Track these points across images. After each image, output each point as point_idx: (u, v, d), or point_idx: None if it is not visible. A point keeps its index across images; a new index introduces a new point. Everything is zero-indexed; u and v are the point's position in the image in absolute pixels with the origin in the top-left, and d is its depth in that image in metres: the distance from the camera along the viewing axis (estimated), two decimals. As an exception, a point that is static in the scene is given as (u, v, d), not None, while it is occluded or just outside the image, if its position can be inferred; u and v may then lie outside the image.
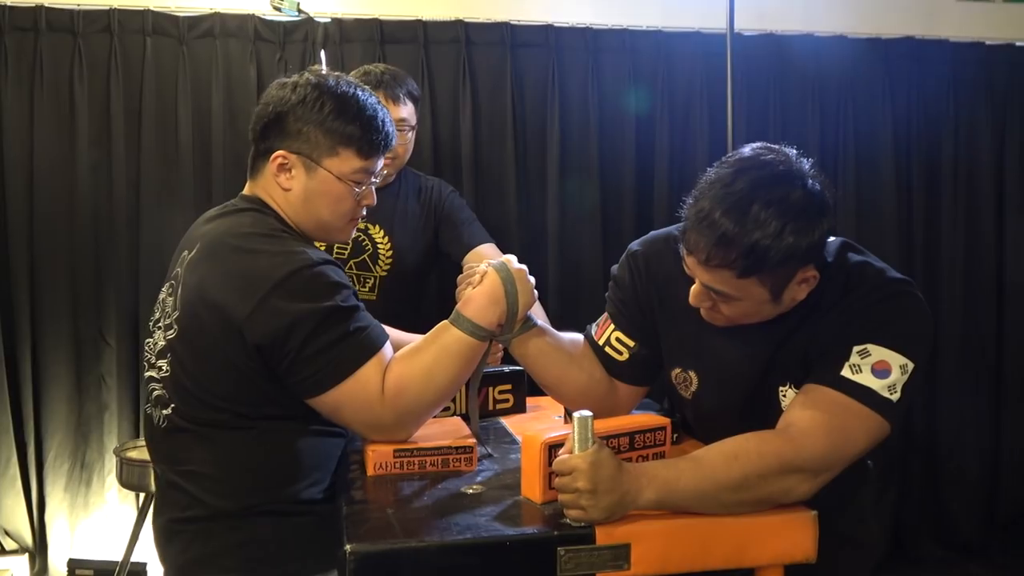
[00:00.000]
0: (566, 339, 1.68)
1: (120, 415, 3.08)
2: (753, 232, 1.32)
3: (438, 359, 1.50)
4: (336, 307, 1.42)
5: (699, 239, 1.37)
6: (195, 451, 1.50)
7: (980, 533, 3.60)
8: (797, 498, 1.36)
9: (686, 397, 1.63)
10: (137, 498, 3.07)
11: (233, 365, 1.43)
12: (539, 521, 1.33)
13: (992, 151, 3.55)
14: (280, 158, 1.53)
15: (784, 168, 1.38)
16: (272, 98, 1.56)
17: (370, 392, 1.45)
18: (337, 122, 1.53)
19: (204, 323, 1.44)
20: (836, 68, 3.41)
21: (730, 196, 1.34)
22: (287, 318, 1.39)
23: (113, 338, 3.07)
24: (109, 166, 3.05)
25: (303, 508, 1.50)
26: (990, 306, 3.57)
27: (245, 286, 1.41)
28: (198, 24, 3.07)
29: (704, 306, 1.46)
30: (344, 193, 1.56)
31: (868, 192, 3.43)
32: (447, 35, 3.19)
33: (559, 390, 1.67)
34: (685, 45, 3.31)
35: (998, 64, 3.51)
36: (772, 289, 1.39)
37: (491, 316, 1.53)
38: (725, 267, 1.36)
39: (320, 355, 1.41)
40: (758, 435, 1.38)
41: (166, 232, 3.06)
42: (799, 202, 1.35)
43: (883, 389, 1.38)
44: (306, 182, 1.54)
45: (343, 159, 1.54)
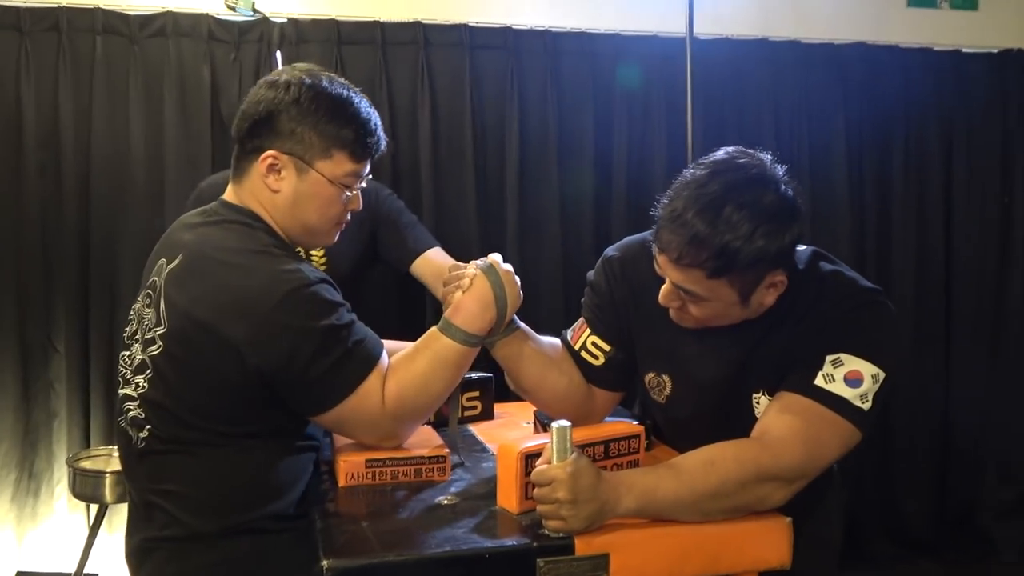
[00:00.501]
0: (546, 343, 1.68)
1: (70, 423, 2.99)
2: (724, 233, 1.34)
3: (433, 368, 1.49)
4: (333, 326, 1.40)
5: (671, 238, 1.38)
6: (173, 471, 1.46)
7: (930, 530, 3.68)
8: (772, 505, 1.37)
9: (659, 401, 1.64)
10: (87, 508, 2.99)
11: (227, 384, 1.40)
12: (517, 532, 1.32)
13: (940, 154, 3.63)
14: (271, 158, 1.48)
15: (758, 172, 1.40)
16: (263, 96, 1.50)
17: (372, 404, 1.45)
18: (332, 124, 1.49)
19: (195, 343, 1.40)
20: (790, 72, 3.46)
21: (703, 197, 1.36)
22: (287, 342, 1.37)
23: (62, 344, 2.99)
24: (57, 167, 2.96)
25: (282, 525, 1.47)
26: (939, 308, 3.65)
27: (241, 308, 1.38)
28: (150, 23, 3.00)
29: (673, 306, 1.47)
30: (334, 196, 1.52)
31: (822, 193, 3.48)
32: (405, 36, 3.16)
33: (539, 394, 1.66)
34: (643, 48, 3.33)
35: (945, 69, 3.60)
36: (741, 291, 1.41)
37: (482, 323, 1.51)
38: (696, 267, 1.37)
39: (324, 376, 1.40)
40: (735, 443, 1.39)
41: (117, 235, 3.00)
42: (771, 206, 1.37)
43: (855, 398, 1.40)
44: (296, 184, 1.49)
45: (336, 161, 1.50)
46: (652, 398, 1.65)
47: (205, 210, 1.56)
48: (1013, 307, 3.68)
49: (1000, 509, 3.69)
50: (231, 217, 1.51)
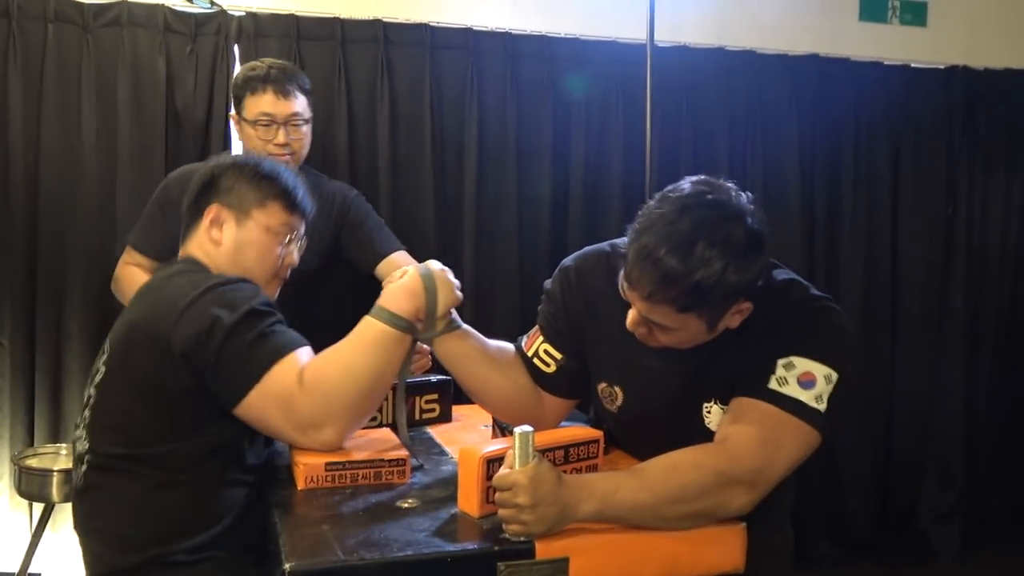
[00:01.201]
0: (493, 345, 1.69)
1: (13, 420, 2.93)
2: (697, 271, 1.34)
3: (356, 348, 1.53)
4: (252, 309, 1.48)
5: (641, 275, 1.37)
6: (104, 506, 1.52)
7: (871, 532, 3.77)
8: (734, 512, 1.39)
9: (611, 410, 1.66)
10: (31, 507, 2.93)
11: (160, 392, 1.46)
12: (478, 536, 1.33)
13: (888, 164, 3.72)
14: (214, 211, 1.65)
15: (727, 207, 1.39)
16: (205, 171, 1.71)
17: (286, 387, 1.46)
18: (264, 181, 1.67)
19: (133, 352, 1.50)
20: (745, 81, 3.52)
21: (675, 235, 1.35)
22: (206, 320, 1.45)
23: (7, 338, 2.92)
24: (6, 158, 2.89)
25: (204, 556, 1.49)
26: (885, 309, 3.74)
27: (168, 306, 1.49)
28: (104, 12, 2.94)
29: (640, 332, 1.48)
30: (271, 245, 1.67)
31: (773, 201, 3.53)
32: (365, 34, 3.14)
33: (483, 394, 1.67)
34: (602, 53, 3.35)
35: (894, 83, 3.68)
36: (709, 321, 1.42)
37: (407, 306, 1.56)
38: (666, 303, 1.38)
39: (240, 353, 1.45)
40: (696, 448, 1.41)
41: (66, 226, 2.94)
42: (741, 241, 1.37)
43: (810, 400, 1.42)
44: (236, 233, 1.64)
45: (270, 211, 1.66)
46: (604, 407, 1.67)
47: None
48: (955, 314, 3.78)
49: (939, 512, 3.79)
50: (177, 265, 1.67)
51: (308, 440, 1.51)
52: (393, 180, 3.18)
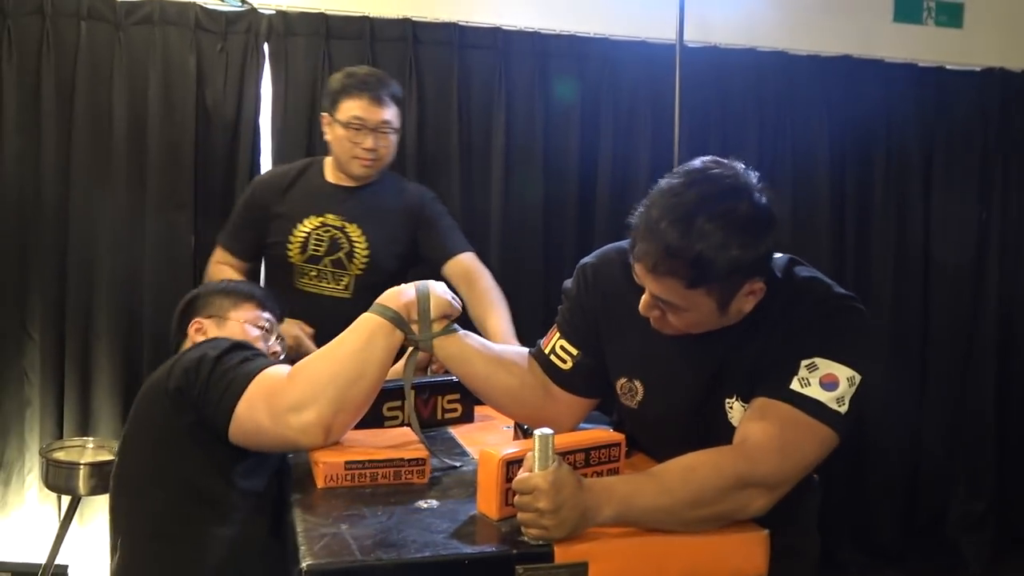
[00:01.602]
0: (498, 347, 1.71)
1: (43, 412, 2.97)
2: (697, 244, 1.34)
3: (340, 337, 1.59)
4: (235, 343, 1.63)
5: (646, 247, 1.39)
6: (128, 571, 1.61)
7: (898, 539, 3.71)
8: (753, 513, 1.37)
9: (631, 406, 1.64)
10: (59, 499, 2.97)
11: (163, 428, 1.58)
12: (496, 538, 1.32)
13: (920, 168, 3.66)
14: (196, 324, 1.84)
15: (732, 182, 1.40)
16: (182, 301, 1.92)
17: (272, 383, 1.52)
18: (233, 290, 1.92)
19: (139, 411, 1.65)
20: (776, 83, 3.48)
21: (678, 208, 1.37)
22: (195, 357, 1.58)
23: (37, 332, 2.96)
24: (37, 154, 2.94)
25: None
26: (916, 318, 3.68)
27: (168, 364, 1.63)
28: (136, 10, 2.97)
29: (653, 315, 1.48)
30: (253, 338, 1.81)
31: (803, 203, 3.50)
32: (394, 33, 3.15)
33: (488, 393, 1.68)
34: (631, 54, 3.33)
35: (928, 85, 3.63)
36: (719, 301, 1.41)
37: (396, 300, 1.61)
38: (672, 276, 1.38)
39: (227, 372, 1.54)
40: (715, 450, 1.40)
41: (96, 222, 2.97)
42: (744, 216, 1.37)
43: (832, 401, 1.41)
44: (219, 333, 1.78)
45: (245, 309, 1.88)
46: (623, 403, 1.66)
47: None
48: (988, 321, 3.71)
49: (968, 520, 3.73)
50: None
51: (290, 426, 1.49)
52: (420, 179, 3.16)
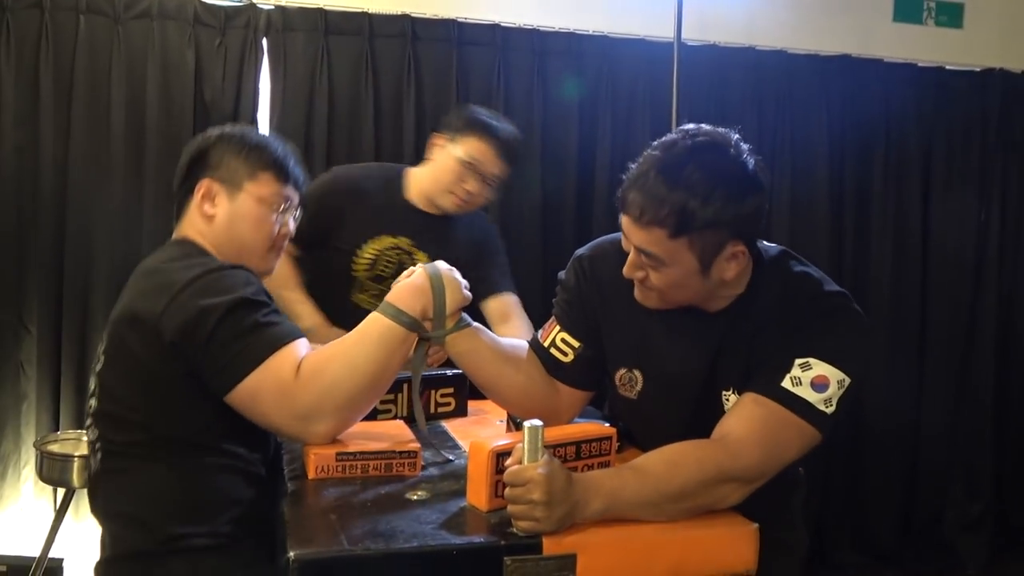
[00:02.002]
0: (505, 342, 1.69)
1: (39, 406, 2.97)
2: (683, 191, 1.37)
3: (359, 343, 1.51)
4: (242, 298, 1.46)
5: (634, 196, 1.42)
6: (120, 490, 1.53)
7: (895, 540, 3.71)
8: (730, 504, 1.40)
9: (631, 397, 1.64)
10: (55, 492, 2.96)
11: (152, 374, 1.46)
12: (485, 530, 1.31)
13: (920, 168, 3.67)
14: (205, 186, 1.62)
15: (721, 140, 1.43)
16: (192, 145, 1.69)
17: (283, 377, 1.44)
18: (254, 151, 1.65)
19: (125, 339, 1.49)
20: (775, 81, 3.49)
21: (667, 159, 1.40)
22: (194, 311, 1.43)
23: (34, 325, 2.97)
24: (36, 147, 2.94)
25: (220, 543, 1.50)
26: (914, 315, 3.68)
27: (159, 291, 1.47)
28: (135, 4, 2.98)
29: (637, 276, 1.49)
30: (264, 216, 1.64)
31: (802, 202, 3.51)
32: (393, 29, 3.15)
33: (496, 390, 1.66)
34: (629, 51, 3.33)
35: (928, 85, 3.63)
36: (701, 258, 1.42)
37: (414, 303, 1.55)
38: (656, 225, 1.40)
39: (231, 343, 1.43)
40: (697, 444, 1.41)
41: (94, 216, 2.97)
42: (731, 170, 1.40)
43: (820, 402, 1.42)
44: (229, 207, 1.62)
45: (262, 182, 1.64)
46: (622, 395, 1.65)
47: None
48: (987, 321, 3.71)
49: (966, 521, 3.73)
50: (169, 248, 1.64)
51: (299, 432, 1.49)
52: (417, 175, 3.18)
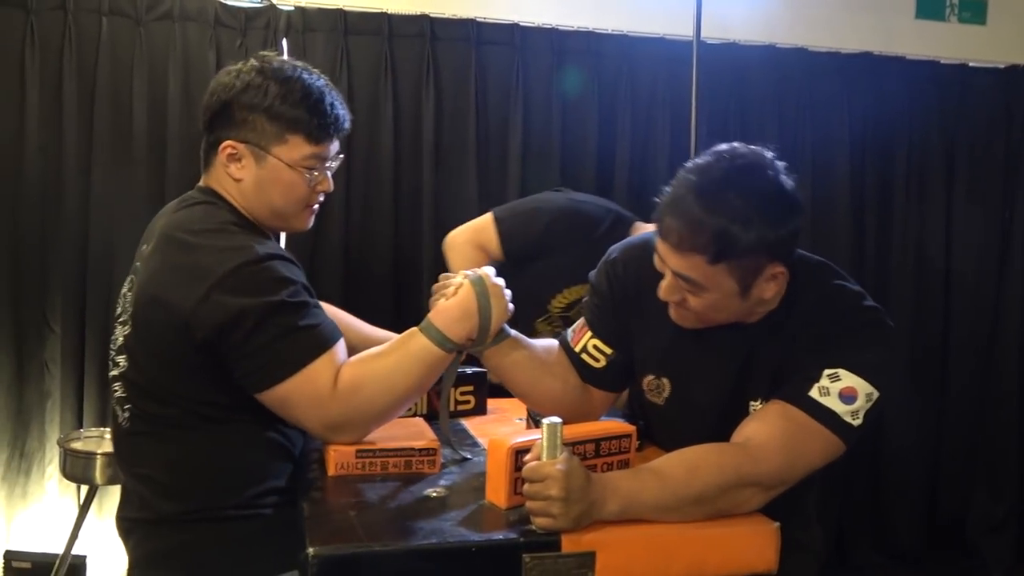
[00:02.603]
0: (540, 347, 1.66)
1: (63, 404, 3.00)
2: (723, 217, 1.35)
3: (400, 364, 1.47)
4: (282, 302, 1.39)
5: (672, 222, 1.39)
6: (148, 454, 1.49)
7: (917, 541, 3.68)
8: (749, 509, 1.38)
9: (658, 403, 1.63)
10: (78, 490, 2.99)
11: (182, 360, 1.41)
12: (504, 527, 1.31)
13: (942, 166, 3.64)
14: (229, 148, 1.49)
15: (759, 161, 1.42)
16: (217, 87, 1.52)
17: (319, 387, 1.41)
18: (282, 107, 1.48)
19: (152, 319, 1.43)
20: (795, 80, 3.47)
21: (705, 183, 1.38)
22: (231, 312, 1.36)
23: (58, 324, 2.99)
24: (59, 147, 2.97)
25: (250, 513, 1.48)
26: (936, 318, 3.65)
27: (189, 281, 1.39)
28: (157, 6, 3.00)
29: (673, 299, 1.47)
30: (296, 180, 1.51)
31: (823, 201, 3.49)
32: (412, 29, 3.16)
33: (533, 398, 1.65)
34: (649, 50, 3.33)
35: (951, 83, 3.60)
36: (741, 281, 1.41)
37: (461, 330, 1.50)
38: (696, 252, 1.37)
39: (265, 349, 1.38)
40: (717, 448, 1.40)
41: (116, 217, 3.00)
42: (771, 194, 1.39)
43: (846, 414, 1.41)
44: (257, 171, 1.50)
45: (292, 146, 1.49)
46: (649, 399, 1.64)
47: (183, 196, 1.57)
48: (1010, 322, 3.68)
49: (990, 523, 3.69)
50: (198, 198, 1.53)
51: (325, 436, 1.49)
52: (437, 174, 3.19)
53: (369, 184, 3.16)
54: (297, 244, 2.93)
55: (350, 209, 3.14)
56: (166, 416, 1.46)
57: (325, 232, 3.09)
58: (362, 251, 3.18)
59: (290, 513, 1.46)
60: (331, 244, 3.11)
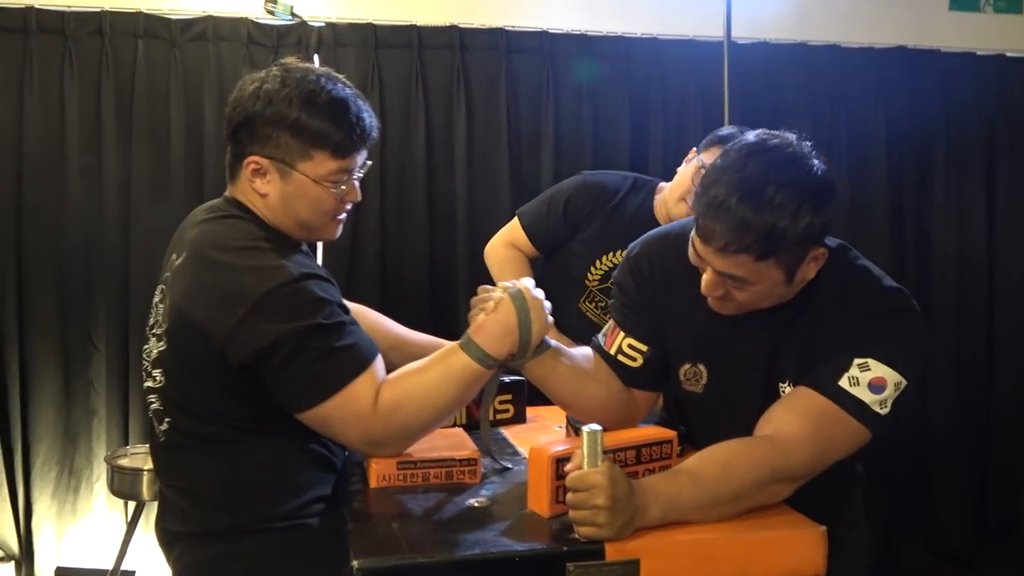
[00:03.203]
0: (579, 355, 1.64)
1: (109, 421, 3.05)
2: (770, 215, 1.33)
3: (440, 381, 1.46)
4: (318, 325, 1.38)
5: (715, 226, 1.36)
6: (190, 468, 1.49)
7: (968, 542, 3.61)
8: (779, 499, 1.40)
9: (697, 391, 1.62)
10: (126, 506, 3.04)
11: (219, 381, 1.42)
12: (547, 536, 1.31)
13: (981, 160, 3.57)
14: (253, 164, 1.47)
15: (792, 151, 1.40)
16: (240, 98, 1.48)
17: (360, 406, 1.41)
18: (307, 122, 1.44)
19: (188, 340, 1.42)
20: (829, 77, 3.43)
21: (745, 181, 1.35)
22: (268, 338, 1.35)
23: (103, 343, 3.04)
24: (99, 169, 3.02)
25: (295, 524, 1.48)
26: (981, 315, 3.58)
27: (225, 304, 1.37)
28: (191, 27, 3.05)
29: (716, 295, 1.46)
30: (322, 195, 1.49)
31: (860, 199, 3.44)
32: (442, 40, 3.18)
33: (578, 407, 1.63)
34: (679, 52, 3.31)
35: (988, 74, 3.54)
36: (787, 270, 1.41)
37: (502, 347, 1.48)
38: (743, 252, 1.36)
39: (303, 373, 1.38)
40: (748, 444, 1.40)
41: (156, 236, 3.02)
42: (811, 183, 1.37)
43: (875, 404, 1.41)
44: (282, 186, 1.47)
45: (318, 161, 1.46)
46: (687, 390, 1.63)
47: (211, 206, 1.56)
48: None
49: (1043, 524, 3.62)
50: (228, 212, 1.51)
51: (365, 451, 1.52)
52: (470, 183, 3.21)
53: (403, 195, 3.18)
54: (334, 256, 2.96)
55: (385, 220, 3.16)
56: (207, 432, 1.46)
57: (361, 244, 3.12)
58: (398, 262, 3.20)
59: (334, 522, 1.46)
60: (368, 255, 3.14)
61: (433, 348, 1.82)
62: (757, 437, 1.42)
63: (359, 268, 3.14)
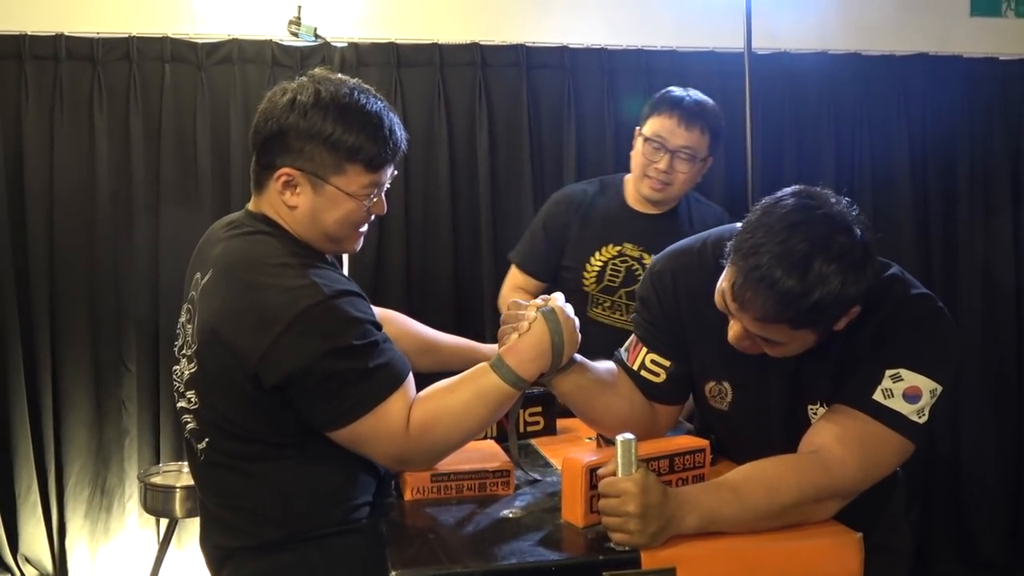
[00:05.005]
0: (603, 370, 1.65)
1: (140, 441, 3.08)
2: (816, 290, 1.30)
3: (470, 402, 1.46)
4: (351, 346, 1.38)
5: (756, 298, 1.34)
6: (235, 486, 1.50)
7: (1002, 551, 3.57)
8: (824, 517, 1.39)
9: (722, 408, 1.62)
10: (158, 523, 3.06)
11: (254, 401, 1.42)
12: (582, 545, 1.32)
13: (1008, 166, 3.55)
14: (285, 176, 1.46)
15: (835, 218, 1.36)
16: (271, 110, 1.47)
17: (392, 427, 1.41)
18: (341, 137, 1.44)
19: (221, 361, 1.42)
20: (850, 86, 3.42)
21: (789, 254, 1.31)
22: (300, 360, 1.36)
23: (134, 364, 3.08)
24: (129, 192, 3.07)
25: (348, 528, 1.48)
26: (1009, 323, 3.55)
27: (257, 326, 1.37)
28: (216, 50, 3.09)
29: (743, 345, 1.45)
30: (353, 207, 1.49)
31: (885, 210, 3.41)
32: (463, 58, 3.21)
33: (601, 421, 1.64)
34: (700, 64, 3.32)
35: (1012, 79, 3.52)
36: (822, 332, 1.40)
37: (535, 368, 1.48)
38: (782, 322, 1.35)
39: (338, 392, 1.38)
40: (794, 463, 1.40)
41: (185, 258, 3.03)
42: (856, 253, 1.34)
43: (912, 413, 1.40)
44: (313, 199, 1.47)
45: (350, 176, 1.46)
46: (712, 406, 1.63)
47: (232, 221, 1.56)
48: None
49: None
50: (255, 227, 1.50)
51: (397, 468, 1.54)
52: (493, 200, 3.23)
53: (428, 211, 3.21)
54: (360, 270, 2.99)
55: (410, 235, 3.18)
56: (247, 452, 1.47)
57: (387, 258, 3.15)
58: (423, 275, 3.22)
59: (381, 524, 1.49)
60: (393, 269, 3.16)
61: (462, 349, 1.83)
62: (804, 455, 1.41)
63: (385, 281, 3.16)
